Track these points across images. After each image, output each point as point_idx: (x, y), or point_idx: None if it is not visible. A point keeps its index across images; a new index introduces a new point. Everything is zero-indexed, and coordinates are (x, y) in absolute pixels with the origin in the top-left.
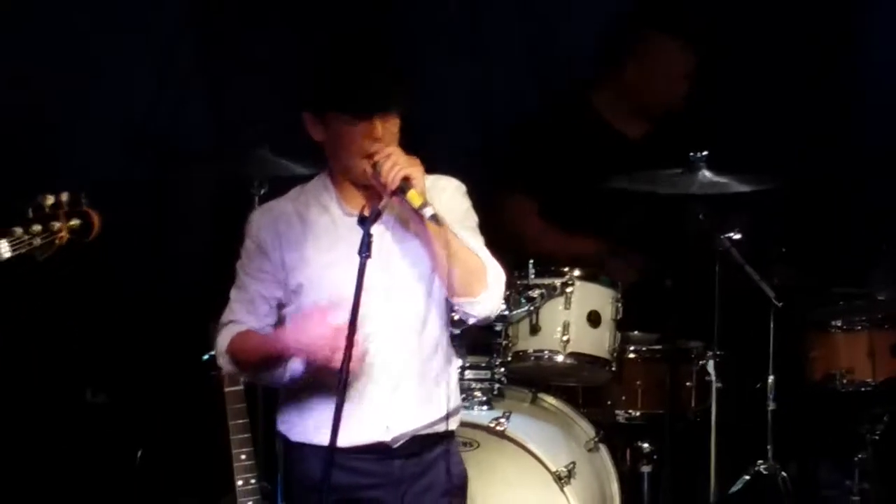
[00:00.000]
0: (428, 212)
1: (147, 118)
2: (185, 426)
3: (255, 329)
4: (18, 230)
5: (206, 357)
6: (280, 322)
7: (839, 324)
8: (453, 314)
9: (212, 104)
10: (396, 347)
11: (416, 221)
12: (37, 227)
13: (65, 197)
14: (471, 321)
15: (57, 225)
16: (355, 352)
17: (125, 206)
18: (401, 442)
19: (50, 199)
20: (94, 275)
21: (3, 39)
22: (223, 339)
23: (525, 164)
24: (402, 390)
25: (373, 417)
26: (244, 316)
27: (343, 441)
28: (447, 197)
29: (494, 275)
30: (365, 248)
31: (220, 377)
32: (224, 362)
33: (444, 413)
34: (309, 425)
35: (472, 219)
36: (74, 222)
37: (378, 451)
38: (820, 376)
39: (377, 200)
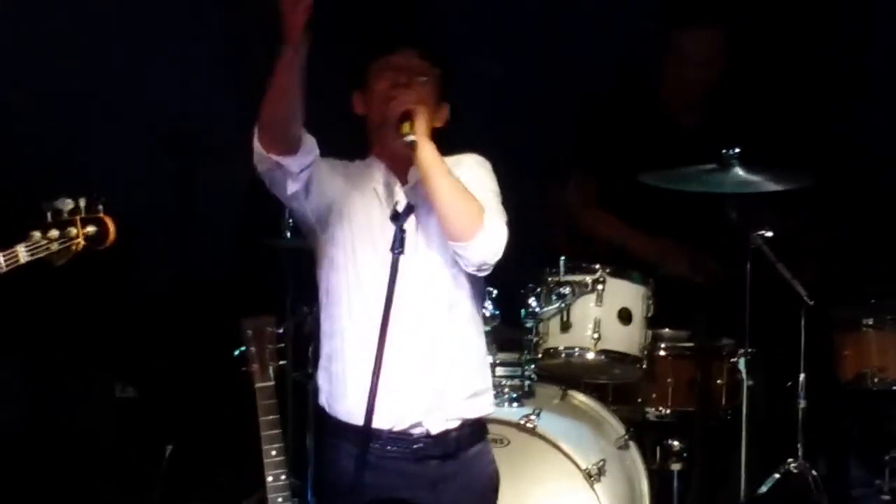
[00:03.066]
0: (409, 138)
1: (175, 113)
2: (215, 422)
3: None
4: (37, 234)
5: (236, 352)
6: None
7: (871, 322)
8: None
9: (240, 99)
10: (426, 330)
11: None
12: (54, 233)
13: (83, 202)
14: (469, 269)
15: (74, 231)
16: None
17: (154, 201)
18: (436, 429)
19: (69, 204)
20: (125, 269)
21: (30, 37)
22: None
23: (591, 148)
24: (433, 373)
25: (407, 399)
26: None
27: (380, 423)
28: (465, 167)
29: (493, 220)
30: (398, 245)
31: (251, 372)
32: (258, 127)
33: (472, 393)
34: (342, 408)
35: (490, 184)
36: (90, 229)
37: (413, 448)
38: (851, 375)
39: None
